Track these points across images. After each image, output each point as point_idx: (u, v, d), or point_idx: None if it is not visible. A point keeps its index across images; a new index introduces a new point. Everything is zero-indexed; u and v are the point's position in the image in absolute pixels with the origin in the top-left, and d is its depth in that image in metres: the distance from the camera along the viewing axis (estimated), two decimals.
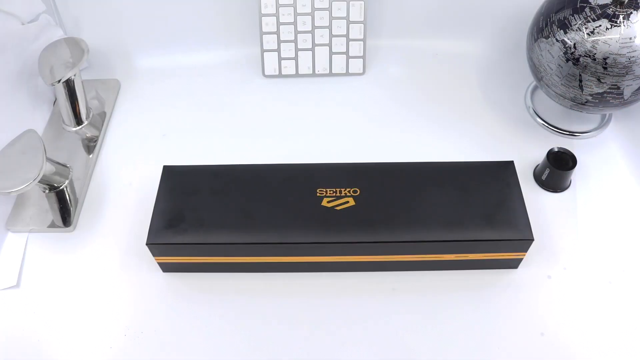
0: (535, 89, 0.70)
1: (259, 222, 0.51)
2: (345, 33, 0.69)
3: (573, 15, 0.55)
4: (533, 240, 0.50)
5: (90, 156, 0.65)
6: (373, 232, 0.50)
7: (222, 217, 0.52)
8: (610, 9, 0.54)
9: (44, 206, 0.60)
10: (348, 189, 0.53)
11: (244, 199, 0.53)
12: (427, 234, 0.50)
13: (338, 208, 0.52)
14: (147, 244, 0.51)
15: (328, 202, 0.52)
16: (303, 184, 0.54)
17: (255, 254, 0.52)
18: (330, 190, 0.53)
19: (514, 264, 0.54)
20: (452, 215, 0.51)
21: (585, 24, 0.54)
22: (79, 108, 0.65)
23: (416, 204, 0.52)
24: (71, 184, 0.62)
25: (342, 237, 0.50)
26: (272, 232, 0.51)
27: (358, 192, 0.53)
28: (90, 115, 0.67)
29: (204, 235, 0.51)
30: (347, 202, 0.52)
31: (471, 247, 0.51)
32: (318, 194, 0.53)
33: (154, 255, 0.52)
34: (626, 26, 0.53)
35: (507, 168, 0.55)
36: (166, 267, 0.54)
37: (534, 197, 0.59)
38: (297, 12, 0.68)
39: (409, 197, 0.53)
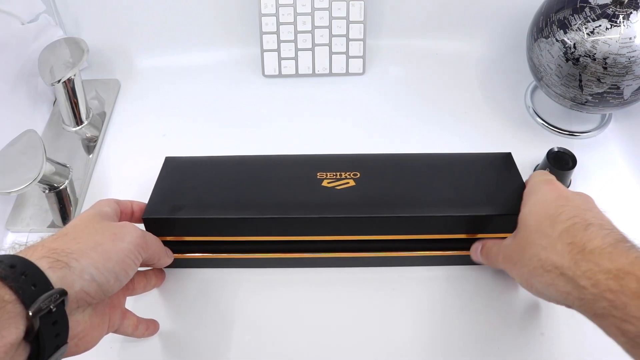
0: (535, 89, 0.70)
1: (259, 200, 0.51)
2: (345, 33, 0.69)
3: (573, 15, 0.55)
4: None
5: (90, 156, 0.65)
6: (373, 207, 0.50)
7: (222, 196, 0.52)
8: (610, 9, 0.54)
9: (44, 206, 0.60)
10: (348, 172, 0.53)
11: (244, 182, 0.53)
12: (428, 209, 0.50)
13: (338, 188, 0.52)
14: (143, 218, 0.50)
15: (328, 182, 0.52)
16: (303, 169, 0.54)
17: (253, 232, 0.51)
18: (330, 174, 0.53)
19: None
20: (452, 193, 0.51)
21: (585, 24, 0.54)
22: (79, 108, 0.65)
23: (416, 186, 0.52)
24: (71, 184, 0.62)
25: (342, 211, 0.50)
26: (271, 208, 0.51)
27: (358, 175, 0.53)
28: (90, 115, 0.67)
29: (202, 211, 0.50)
30: (347, 182, 0.52)
31: (472, 223, 0.50)
32: (318, 177, 0.53)
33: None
34: (626, 26, 0.53)
35: (506, 159, 0.55)
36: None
37: None
38: (297, 12, 0.68)
39: (409, 180, 0.53)
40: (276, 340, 0.51)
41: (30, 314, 0.32)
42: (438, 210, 0.50)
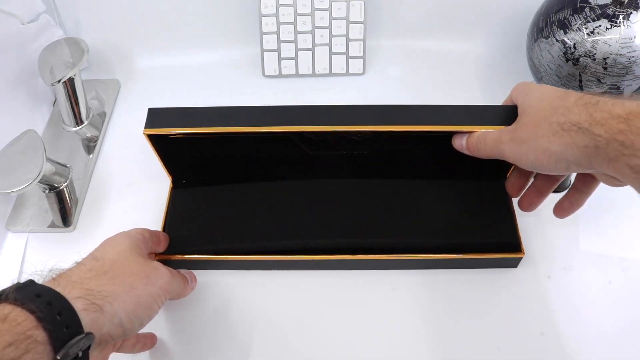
0: None
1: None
2: (345, 33, 0.69)
3: (573, 15, 0.55)
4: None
5: (90, 156, 0.65)
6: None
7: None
8: (610, 9, 0.54)
9: (44, 206, 0.60)
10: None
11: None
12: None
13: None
14: (149, 108, 0.51)
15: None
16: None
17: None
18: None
19: (513, 263, 0.54)
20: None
21: (585, 24, 0.54)
22: (79, 108, 0.65)
23: None
24: (71, 184, 0.62)
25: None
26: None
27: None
28: (90, 115, 0.67)
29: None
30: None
31: (469, 111, 0.49)
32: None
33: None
34: (626, 26, 0.53)
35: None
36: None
37: None
38: (297, 12, 0.68)
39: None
40: (278, 341, 0.51)
41: (59, 358, 0.33)
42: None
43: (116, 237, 0.46)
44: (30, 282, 0.36)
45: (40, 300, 0.34)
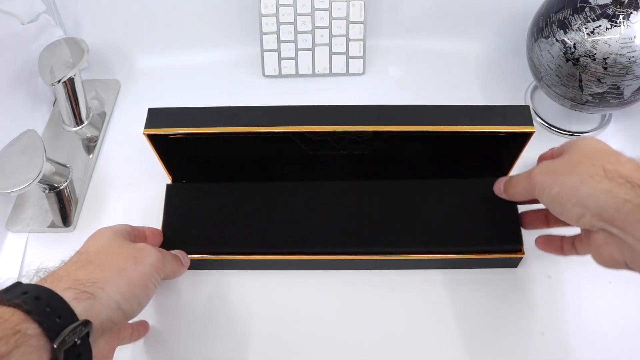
0: (535, 89, 0.70)
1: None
2: (345, 33, 0.69)
3: (573, 15, 0.55)
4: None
5: (90, 156, 0.65)
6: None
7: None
8: (610, 9, 0.54)
9: (44, 206, 0.60)
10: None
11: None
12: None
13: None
14: (148, 109, 0.52)
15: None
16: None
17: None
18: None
19: (513, 263, 0.54)
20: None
21: (585, 24, 0.54)
22: (79, 108, 0.65)
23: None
24: (71, 184, 0.62)
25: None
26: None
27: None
28: (90, 115, 0.67)
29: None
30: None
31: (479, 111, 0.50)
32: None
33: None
34: (626, 26, 0.53)
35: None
36: None
37: None
38: (297, 12, 0.68)
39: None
40: (278, 341, 0.51)
41: (55, 347, 0.32)
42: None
43: (98, 231, 0.46)
44: (17, 284, 0.36)
45: (27, 296, 0.34)
